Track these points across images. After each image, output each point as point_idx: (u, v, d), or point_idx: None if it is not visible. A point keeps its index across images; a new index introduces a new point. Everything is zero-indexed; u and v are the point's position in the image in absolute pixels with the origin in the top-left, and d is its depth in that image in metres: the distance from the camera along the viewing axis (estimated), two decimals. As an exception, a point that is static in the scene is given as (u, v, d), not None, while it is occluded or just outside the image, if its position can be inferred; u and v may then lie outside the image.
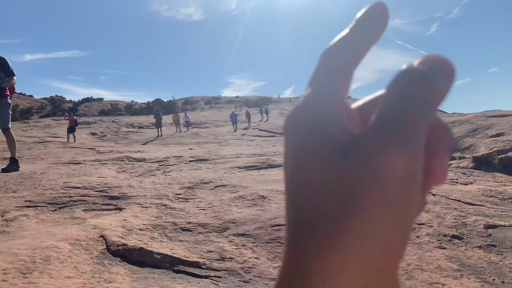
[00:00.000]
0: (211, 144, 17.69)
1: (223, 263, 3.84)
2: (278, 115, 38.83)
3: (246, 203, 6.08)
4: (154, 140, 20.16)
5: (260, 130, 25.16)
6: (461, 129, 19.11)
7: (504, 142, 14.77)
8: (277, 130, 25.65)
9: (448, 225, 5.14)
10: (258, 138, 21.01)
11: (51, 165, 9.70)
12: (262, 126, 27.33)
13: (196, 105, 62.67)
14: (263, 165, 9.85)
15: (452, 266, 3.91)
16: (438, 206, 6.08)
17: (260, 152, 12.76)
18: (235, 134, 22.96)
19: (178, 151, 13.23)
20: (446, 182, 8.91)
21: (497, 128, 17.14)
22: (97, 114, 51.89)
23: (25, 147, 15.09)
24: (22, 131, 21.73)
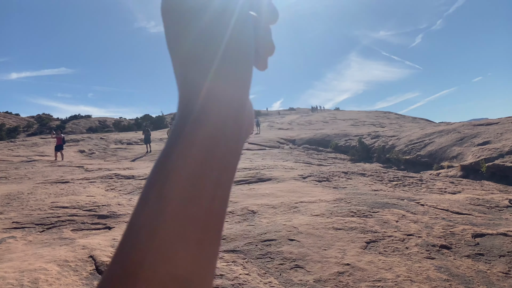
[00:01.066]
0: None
1: (214, 280, 3.82)
2: (268, 128, 38.95)
3: (236, 219, 6.07)
4: (143, 156, 20.04)
5: (249, 144, 25.19)
6: (449, 138, 19.37)
7: (491, 150, 15.01)
8: (267, 143, 25.71)
9: (436, 235, 5.20)
10: (247, 152, 21.02)
11: (39, 185, 9.58)
12: (252, 139, 27.39)
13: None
14: (253, 179, 9.86)
15: (441, 276, 3.94)
16: (427, 216, 6.14)
17: (249, 166, 12.77)
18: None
19: (167, 167, 13.13)
20: (434, 192, 9.02)
21: (483, 137, 17.42)
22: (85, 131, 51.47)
23: (12, 166, 14.88)
24: (8, 150, 21.45)
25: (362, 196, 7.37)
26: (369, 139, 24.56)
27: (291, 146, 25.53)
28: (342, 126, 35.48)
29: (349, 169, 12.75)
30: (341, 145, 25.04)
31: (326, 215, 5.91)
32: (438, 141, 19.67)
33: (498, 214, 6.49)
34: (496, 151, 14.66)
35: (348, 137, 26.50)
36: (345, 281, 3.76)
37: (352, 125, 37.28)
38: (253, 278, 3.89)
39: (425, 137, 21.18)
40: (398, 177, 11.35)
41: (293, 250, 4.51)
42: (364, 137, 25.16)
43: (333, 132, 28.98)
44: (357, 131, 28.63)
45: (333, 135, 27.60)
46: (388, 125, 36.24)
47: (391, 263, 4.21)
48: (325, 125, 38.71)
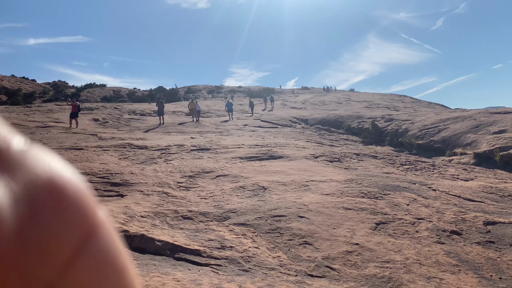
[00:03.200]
0: (213, 133, 17.68)
1: (224, 251, 3.88)
2: (281, 107, 38.71)
3: (247, 193, 6.11)
4: (156, 128, 20.17)
5: (262, 121, 25.14)
6: (464, 124, 19.06)
7: (506, 139, 14.76)
8: (279, 121, 25.62)
9: (447, 220, 5.17)
10: (259, 129, 21.00)
11: (53, 150, 9.72)
12: (264, 117, 27.30)
13: (198, 94, 62.51)
14: (264, 156, 9.87)
15: (451, 261, 3.94)
16: (438, 201, 6.10)
17: (261, 143, 12.77)
18: (237, 124, 22.94)
19: (179, 140, 13.25)
20: (447, 178, 8.94)
21: (500, 125, 17.10)
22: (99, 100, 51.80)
23: (27, 131, 15.11)
24: (24, 115, 21.74)
25: (373, 178, 7.34)
26: (382, 122, 24.29)
27: (303, 126, 25.40)
28: (356, 108, 35.10)
29: (361, 151, 12.68)
30: (354, 127, 24.83)
31: (336, 195, 5.91)
32: (452, 127, 19.38)
33: (511, 203, 6.43)
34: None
35: (362, 119, 26.24)
36: (353, 260, 3.79)
37: (366, 107, 36.85)
38: (262, 251, 3.94)
39: (439, 122, 20.87)
40: (410, 161, 11.26)
41: (302, 227, 4.54)
42: (377, 119, 24.88)
43: (346, 114, 28.71)
44: (371, 114, 28.31)
45: (346, 117, 27.35)
46: (403, 109, 35.74)
47: (401, 245, 4.21)
48: (339, 106, 38.34)
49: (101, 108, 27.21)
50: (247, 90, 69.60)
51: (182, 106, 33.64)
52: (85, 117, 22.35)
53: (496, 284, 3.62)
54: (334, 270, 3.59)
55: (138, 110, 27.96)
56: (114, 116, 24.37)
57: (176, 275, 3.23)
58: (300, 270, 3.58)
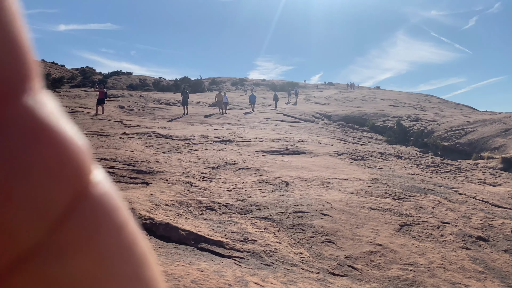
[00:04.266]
0: (236, 125, 17.74)
1: (246, 244, 3.91)
2: (304, 101, 38.46)
3: (269, 188, 6.12)
4: (180, 118, 20.37)
5: (284, 115, 25.04)
6: (492, 128, 18.53)
7: (537, 145, 14.27)
8: (302, 116, 25.47)
9: (474, 226, 5.06)
10: (282, 123, 20.93)
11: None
12: (287, 111, 27.19)
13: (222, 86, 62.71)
14: (287, 151, 9.85)
15: (476, 267, 3.86)
16: (465, 205, 5.97)
17: (284, 138, 12.74)
18: (260, 117, 22.93)
19: (203, 131, 13.36)
20: (473, 182, 8.73)
21: (531, 130, 16.55)
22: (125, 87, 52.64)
23: (56, 115, 15.49)
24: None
25: (398, 179, 7.23)
26: (407, 122, 23.84)
27: (326, 122, 25.19)
28: (381, 106, 34.56)
29: (386, 150, 12.50)
30: (378, 125, 24.47)
31: (360, 194, 5.85)
32: (480, 130, 18.86)
33: (541, 212, 6.23)
34: (544, 146, 13.92)
35: (387, 117, 25.82)
36: (376, 260, 3.76)
37: (392, 105, 36.23)
38: (284, 247, 3.95)
39: (467, 124, 20.35)
40: (436, 163, 11.03)
41: (325, 224, 4.52)
42: (403, 119, 24.44)
43: (371, 111, 28.30)
44: (396, 112, 27.83)
45: (370, 114, 26.97)
46: (429, 109, 34.98)
47: (425, 248, 4.15)
48: (364, 103, 37.82)
49: (127, 95, 27.67)
50: (270, 84, 69.43)
51: (206, 97, 33.86)
52: (111, 104, 22.77)
53: (524, 294, 3.53)
54: (357, 270, 3.57)
55: (163, 99, 28.30)
56: (140, 104, 24.74)
57: (200, 265, 3.28)
58: (322, 268, 3.58)
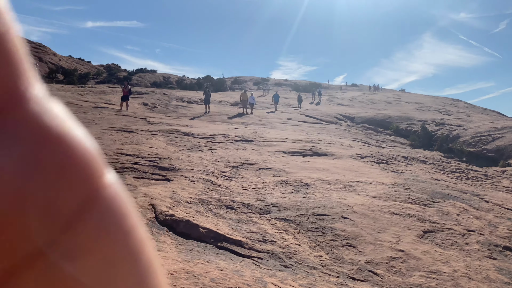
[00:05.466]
0: (256, 125, 17.74)
1: (265, 245, 3.89)
2: (327, 102, 38.14)
3: (289, 189, 6.08)
4: (202, 116, 20.51)
5: (306, 116, 24.89)
6: (522, 135, 17.95)
7: None
8: (324, 117, 25.26)
9: (500, 235, 4.89)
10: (303, 124, 20.80)
11: (105, 131, 10.16)
12: (309, 112, 27.01)
13: (244, 85, 62.83)
14: (308, 152, 9.78)
15: (502, 278, 3.73)
16: (491, 214, 5.79)
17: (305, 139, 12.66)
18: (281, 118, 22.85)
19: (224, 130, 13.41)
20: (500, 190, 8.46)
21: None
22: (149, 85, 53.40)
23: (81, 111, 15.87)
24: (78, 95, 22.83)
25: (422, 184, 7.07)
26: (432, 126, 23.34)
27: (349, 124, 24.91)
28: (406, 109, 33.93)
29: (410, 154, 12.25)
30: (402, 129, 24.04)
31: (383, 198, 5.75)
32: (508, 136, 18.29)
33: None
34: None
35: (411, 121, 25.34)
36: (398, 267, 3.68)
37: (417, 109, 35.53)
38: (304, 249, 3.91)
39: (495, 130, 19.76)
40: (461, 169, 10.75)
41: (346, 228, 4.46)
42: (428, 123, 23.93)
43: (395, 114, 27.82)
44: (421, 116, 27.27)
45: (395, 117, 26.51)
46: (455, 114, 34.15)
47: (449, 256, 4.04)
48: (388, 106, 37.23)
49: (150, 93, 28.05)
50: (293, 84, 69.20)
51: (228, 96, 34.00)
52: (135, 100, 23.13)
53: (553, 309, 3.39)
54: (377, 276, 3.50)
55: (186, 98, 28.57)
56: (163, 102, 25.06)
57: (219, 264, 3.28)
58: (342, 272, 3.52)
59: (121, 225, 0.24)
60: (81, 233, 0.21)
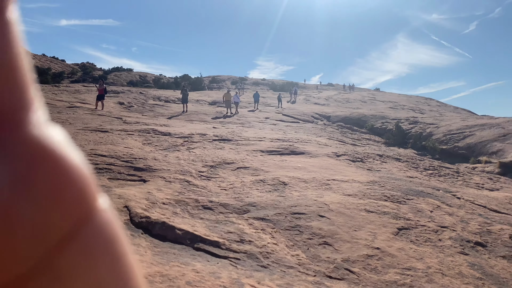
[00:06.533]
0: (235, 124, 17.69)
1: (242, 245, 3.88)
2: (304, 102, 38.41)
3: (267, 188, 6.09)
4: (179, 115, 20.31)
5: (283, 115, 24.99)
6: (491, 132, 18.51)
7: (535, 151, 14.26)
8: (301, 116, 25.43)
9: (472, 231, 5.04)
10: (281, 123, 20.87)
11: (79, 131, 9.92)
12: (286, 111, 27.13)
13: (222, 84, 62.57)
14: (286, 151, 9.81)
15: (474, 273, 3.83)
16: (463, 210, 5.95)
17: (283, 138, 12.71)
18: (259, 117, 22.88)
19: (202, 129, 13.31)
20: (471, 186, 8.71)
21: (529, 136, 16.54)
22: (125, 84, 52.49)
23: (55, 110, 15.46)
24: (52, 94, 22.22)
25: (396, 182, 7.20)
26: (406, 124, 23.83)
27: (325, 123, 25.17)
28: (380, 108, 34.55)
29: (384, 152, 12.48)
30: (377, 127, 24.45)
31: (358, 196, 5.82)
32: (479, 134, 18.85)
33: (540, 218, 6.21)
34: (543, 152, 13.91)
35: (386, 119, 25.80)
36: (373, 264, 3.73)
37: (391, 108, 36.22)
38: (281, 248, 3.92)
39: (465, 128, 20.34)
40: (434, 166, 11.02)
41: (322, 226, 4.49)
42: (402, 121, 24.42)
43: (370, 113, 28.28)
44: (395, 115, 27.81)
45: (370, 116, 26.94)
46: (428, 112, 34.99)
47: (423, 253, 4.12)
48: (363, 105, 37.81)
49: (127, 92, 27.58)
50: (270, 83, 69.38)
51: (206, 95, 33.80)
52: (111, 100, 22.69)
53: (521, 301, 3.51)
54: (354, 274, 3.54)
55: (163, 97, 28.23)
56: (139, 101, 24.68)
57: (196, 266, 3.24)
58: (319, 270, 3.55)
59: (111, 250, 0.24)
60: (71, 255, 0.21)
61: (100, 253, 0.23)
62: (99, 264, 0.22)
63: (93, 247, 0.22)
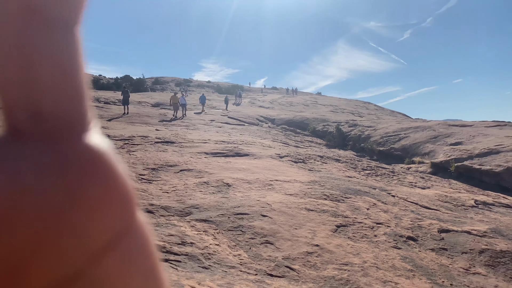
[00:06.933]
0: (179, 127, 17.40)
1: (184, 247, 3.82)
2: (249, 105, 38.73)
3: (210, 189, 6.05)
4: (120, 117, 19.60)
5: (229, 118, 25.01)
6: (423, 134, 19.79)
7: (461, 151, 15.45)
8: (246, 119, 25.60)
9: (404, 226, 5.34)
10: (226, 126, 20.88)
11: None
12: (231, 114, 27.19)
13: (166, 86, 61.35)
14: (230, 153, 9.82)
15: (406, 266, 4.06)
16: (397, 207, 6.29)
17: (227, 140, 12.71)
18: (204, 119, 22.70)
19: (144, 131, 12.96)
20: (405, 185, 9.24)
21: (456, 137, 17.89)
22: (61, 84, 49.78)
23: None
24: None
25: (336, 181, 7.47)
26: (346, 127, 24.83)
27: (270, 125, 25.54)
28: (322, 111, 35.70)
29: (325, 154, 12.89)
30: (319, 130, 25.25)
31: (299, 195, 5.96)
32: (412, 136, 20.09)
33: (464, 213, 6.72)
34: (467, 152, 15.11)
35: (327, 122, 26.71)
36: (313, 261, 3.83)
37: (332, 111, 37.55)
38: (223, 249, 3.91)
39: (400, 131, 21.58)
40: (372, 167, 11.56)
41: (264, 226, 4.54)
42: (342, 124, 25.41)
43: (312, 116, 29.13)
44: (336, 118, 28.88)
45: (312, 119, 27.75)
46: (367, 116, 36.69)
47: (359, 248, 4.30)
48: (306, 108, 38.84)
49: (62, 92, 26.13)
50: (216, 86, 69.13)
51: (148, 97, 32.95)
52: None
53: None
54: (294, 271, 3.61)
55: (103, 98, 27.11)
56: (76, 102, 23.47)
57: (134, 270, 3.13)
58: (260, 269, 3.58)
59: (147, 263, 0.25)
60: (110, 265, 0.22)
61: (137, 265, 0.24)
62: (135, 275, 0.23)
63: (131, 258, 0.23)
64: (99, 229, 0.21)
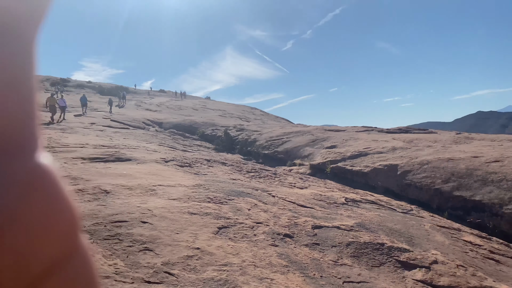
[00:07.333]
0: (53, 130, 15.87)
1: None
2: (134, 107, 37.15)
3: (86, 197, 5.63)
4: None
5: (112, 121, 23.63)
6: (304, 138, 21.26)
7: (336, 154, 16.98)
8: (131, 122, 24.49)
9: (282, 224, 5.65)
10: (108, 129, 19.69)
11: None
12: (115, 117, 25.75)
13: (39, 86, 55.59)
14: (111, 158, 9.29)
15: (282, 262, 4.30)
16: (276, 206, 6.63)
17: (108, 144, 12.00)
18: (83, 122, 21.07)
19: (10, 135, 11.51)
20: (285, 185, 9.80)
21: (332, 141, 19.60)
22: None
23: None
24: None
25: (220, 184, 7.58)
26: (234, 131, 25.43)
27: (157, 129, 24.85)
28: (211, 116, 35.99)
29: (212, 157, 13.01)
30: (208, 134, 25.41)
31: (183, 200, 5.90)
32: (294, 140, 21.45)
33: (335, 210, 7.39)
34: (340, 155, 16.66)
35: (215, 126, 27.01)
36: (193, 264, 3.81)
37: (220, 115, 38.11)
38: (97, 259, 3.66)
39: (284, 135, 22.87)
40: (256, 169, 12.01)
41: (144, 232, 4.39)
42: (230, 128, 25.96)
43: (201, 120, 29.19)
44: (224, 122, 29.38)
45: (201, 123, 27.79)
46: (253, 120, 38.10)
47: (239, 248, 4.42)
48: (195, 112, 38.74)
49: None
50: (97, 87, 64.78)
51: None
52: None
53: (318, 281, 4.08)
54: (173, 276, 3.55)
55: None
56: None
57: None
58: (137, 277, 3.44)
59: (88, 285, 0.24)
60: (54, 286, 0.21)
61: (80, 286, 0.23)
62: None
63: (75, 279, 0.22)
64: (41, 252, 0.20)
